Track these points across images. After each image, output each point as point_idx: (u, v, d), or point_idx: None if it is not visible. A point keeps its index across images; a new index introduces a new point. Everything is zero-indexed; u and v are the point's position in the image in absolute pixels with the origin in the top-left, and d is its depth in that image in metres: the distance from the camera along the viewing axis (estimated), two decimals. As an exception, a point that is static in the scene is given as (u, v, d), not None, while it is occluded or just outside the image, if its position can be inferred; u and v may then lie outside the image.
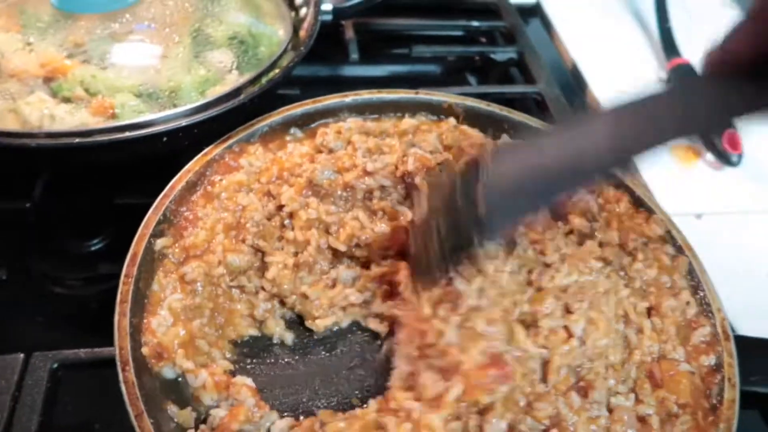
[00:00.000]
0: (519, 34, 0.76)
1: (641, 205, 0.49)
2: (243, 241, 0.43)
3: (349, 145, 0.49)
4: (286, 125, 0.52)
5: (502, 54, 0.74)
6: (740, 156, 0.66)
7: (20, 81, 0.53)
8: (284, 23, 0.63)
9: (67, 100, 0.52)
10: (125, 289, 0.38)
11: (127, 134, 0.47)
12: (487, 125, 0.56)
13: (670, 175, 0.66)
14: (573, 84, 0.80)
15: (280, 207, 0.44)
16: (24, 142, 0.46)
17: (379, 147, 0.48)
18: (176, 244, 0.42)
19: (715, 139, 0.67)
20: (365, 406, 0.38)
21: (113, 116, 0.51)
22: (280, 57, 0.58)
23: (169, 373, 0.37)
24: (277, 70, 0.56)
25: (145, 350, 0.36)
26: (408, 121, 0.54)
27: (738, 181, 0.66)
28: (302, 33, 0.62)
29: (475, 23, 0.77)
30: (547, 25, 0.88)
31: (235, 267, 0.42)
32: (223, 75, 0.57)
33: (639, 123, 0.36)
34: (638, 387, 0.39)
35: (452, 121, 0.55)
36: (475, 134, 0.55)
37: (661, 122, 0.36)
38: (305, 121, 0.54)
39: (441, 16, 0.78)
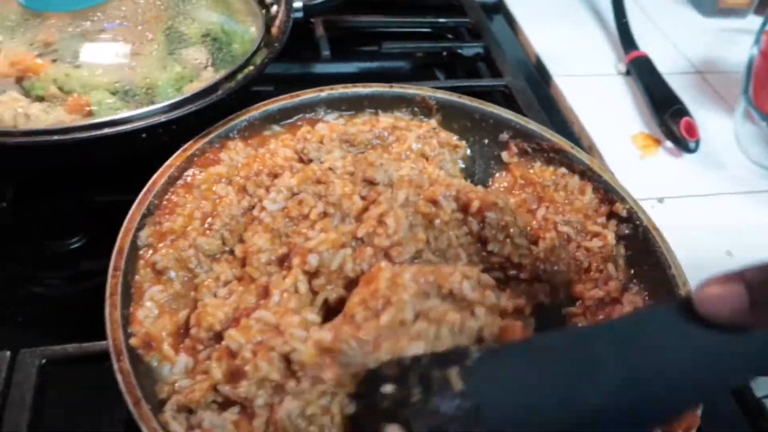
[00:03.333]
0: (484, 30, 0.78)
1: (608, 191, 0.52)
2: (212, 228, 0.43)
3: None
4: (264, 120, 0.53)
5: (469, 49, 0.76)
6: (697, 142, 0.69)
7: (-3, 80, 0.52)
8: (256, 21, 0.64)
9: (40, 99, 0.52)
10: (114, 282, 0.39)
11: (106, 131, 0.47)
12: (459, 117, 0.58)
13: (634, 163, 0.69)
14: (537, 76, 0.82)
15: (252, 207, 0.45)
16: (1, 141, 0.45)
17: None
18: (155, 233, 0.43)
19: (673, 127, 0.70)
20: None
21: (90, 114, 0.51)
22: (254, 54, 0.59)
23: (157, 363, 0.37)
24: (251, 67, 0.56)
25: (133, 341, 0.37)
26: (385, 120, 0.56)
27: (696, 166, 0.70)
28: (275, 30, 0.63)
29: (442, 19, 0.79)
30: (510, 20, 0.91)
31: (205, 250, 0.42)
32: (198, 72, 0.57)
33: None
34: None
35: (432, 123, 0.57)
36: (452, 139, 0.57)
37: None
38: (283, 116, 0.54)
39: (408, 13, 0.79)
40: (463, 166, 0.58)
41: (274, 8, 0.65)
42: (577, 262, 0.50)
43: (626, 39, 0.85)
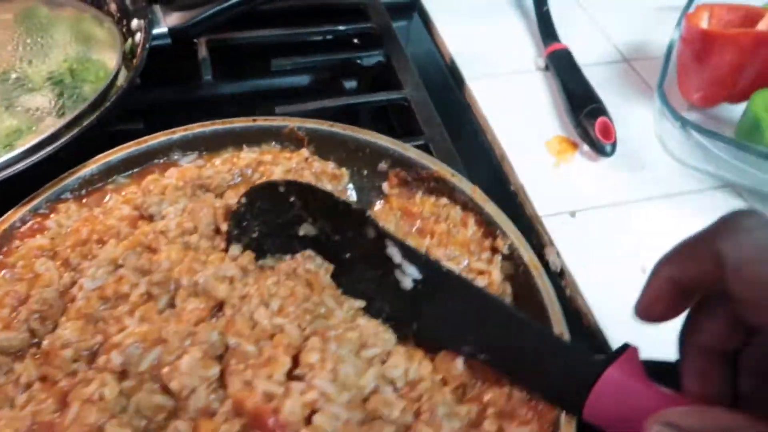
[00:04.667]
0: (386, 36, 0.72)
1: (490, 224, 0.47)
2: (18, 319, 0.38)
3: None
4: (104, 174, 0.48)
5: (368, 59, 0.71)
6: (614, 145, 0.64)
7: None
8: (116, 53, 0.58)
9: None
10: None
11: None
12: (334, 147, 0.52)
13: (546, 173, 0.64)
14: (451, 81, 0.77)
15: (74, 283, 0.40)
16: None
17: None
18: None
19: (588, 128, 0.65)
20: None
21: None
22: (106, 93, 0.53)
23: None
24: (100, 110, 0.51)
25: None
26: (247, 156, 0.50)
27: (613, 171, 0.64)
28: (135, 62, 0.57)
29: (341, 27, 0.73)
30: (425, 20, 0.84)
31: (5, 348, 0.37)
32: (38, 122, 0.52)
33: None
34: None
35: (304, 152, 0.52)
36: (329, 167, 0.51)
37: None
38: (129, 166, 0.49)
39: (306, 23, 0.73)
40: (355, 197, 0.53)
41: (138, 36, 0.60)
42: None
43: (546, 30, 0.78)
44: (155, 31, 0.60)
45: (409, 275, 0.40)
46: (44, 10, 0.62)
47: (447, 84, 0.76)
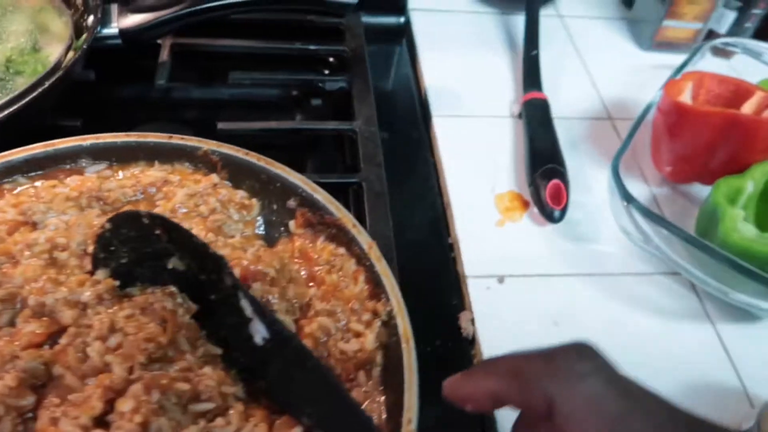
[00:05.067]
0: (355, 61, 0.70)
1: (378, 284, 0.44)
2: None
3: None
4: (5, 173, 0.47)
5: (332, 83, 0.69)
6: (563, 212, 0.60)
7: None
8: (60, 47, 0.58)
9: None
10: None
11: None
12: (247, 176, 0.50)
13: (488, 231, 0.60)
14: (419, 116, 0.74)
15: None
16: None
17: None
18: None
19: (540, 189, 0.61)
20: None
21: None
22: (36, 86, 0.53)
23: None
24: (17, 105, 0.51)
25: None
26: (154, 173, 0.49)
27: (558, 239, 0.60)
28: (71, 57, 0.57)
29: (313, 47, 0.71)
30: (411, 47, 0.82)
31: None
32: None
33: None
34: None
35: (213, 178, 0.50)
36: (237, 196, 0.50)
37: None
38: (35, 168, 0.48)
39: (281, 36, 0.72)
40: (263, 231, 0.51)
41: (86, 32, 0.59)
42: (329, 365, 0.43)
43: (529, 76, 0.75)
44: (106, 31, 0.59)
45: (259, 332, 0.38)
46: (7, -5, 0.62)
47: (413, 116, 0.73)
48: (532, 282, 0.57)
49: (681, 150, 0.61)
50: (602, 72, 0.80)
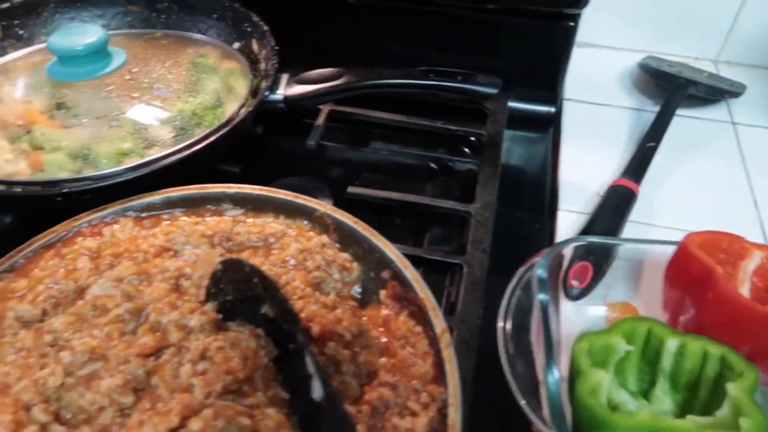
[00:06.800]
0: (490, 146, 0.73)
1: (442, 371, 0.46)
2: (38, 298, 0.49)
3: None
4: (165, 205, 0.58)
5: (462, 164, 0.72)
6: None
7: (3, 127, 0.66)
8: (236, 105, 0.69)
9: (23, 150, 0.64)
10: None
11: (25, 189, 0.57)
12: (352, 242, 0.56)
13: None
14: (545, 206, 0.74)
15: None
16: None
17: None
18: (1, 290, 0.50)
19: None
20: None
21: (41, 170, 0.61)
22: (205, 138, 0.63)
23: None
24: (185, 153, 0.61)
25: None
26: (276, 226, 0.57)
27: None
28: (240, 116, 0.67)
29: (452, 127, 0.76)
30: (556, 137, 0.82)
31: (20, 316, 0.47)
32: (146, 149, 0.64)
33: None
34: None
35: (323, 239, 0.56)
36: (341, 258, 0.55)
37: None
38: (187, 204, 0.58)
39: (425, 113, 0.77)
40: (359, 295, 0.55)
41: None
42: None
43: (633, 164, 0.71)
44: (273, 96, 0.69)
45: (317, 389, 0.42)
46: (212, 59, 0.76)
47: (543, 207, 0.74)
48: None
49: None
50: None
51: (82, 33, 0.66)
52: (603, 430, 0.44)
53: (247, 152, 0.73)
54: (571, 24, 0.78)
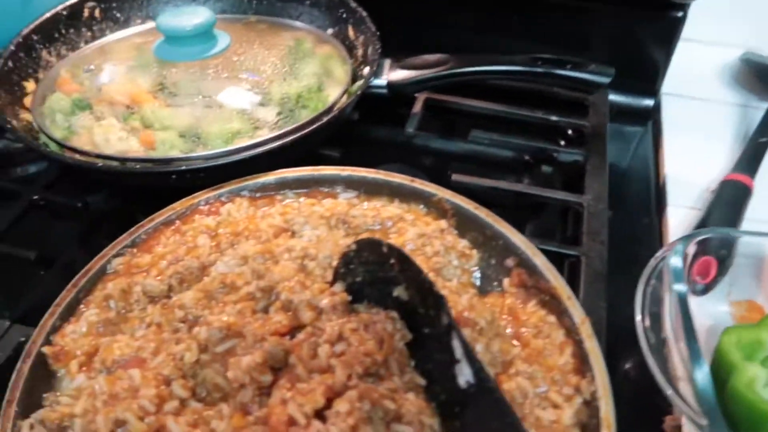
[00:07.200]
0: (593, 138, 0.70)
1: (585, 362, 0.43)
2: (164, 273, 0.48)
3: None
4: (278, 186, 0.57)
5: (567, 155, 0.70)
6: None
7: (110, 105, 0.66)
8: (338, 90, 0.68)
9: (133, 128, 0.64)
10: (65, 295, 0.46)
11: (138, 166, 0.57)
12: (472, 228, 0.54)
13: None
14: (653, 202, 0.71)
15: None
16: (70, 156, 0.58)
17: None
18: (125, 264, 0.49)
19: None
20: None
21: (153, 148, 0.61)
22: (315, 120, 0.63)
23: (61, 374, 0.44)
24: (293, 135, 0.60)
25: (47, 349, 0.44)
26: (392, 210, 0.55)
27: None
28: (345, 101, 0.66)
29: (554, 117, 0.73)
30: (657, 131, 0.80)
31: (148, 291, 0.47)
32: (255, 129, 0.63)
33: None
34: None
35: (442, 223, 0.54)
36: (460, 245, 0.53)
37: None
38: (299, 186, 0.57)
39: (524, 104, 0.75)
40: (479, 282, 0.53)
41: (361, 81, 0.69)
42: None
43: (745, 158, 0.68)
44: (376, 81, 0.68)
45: (464, 375, 0.40)
46: (309, 43, 0.75)
47: (645, 202, 0.71)
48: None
49: None
50: None
51: (191, 13, 0.66)
52: (763, 424, 0.41)
53: (343, 137, 0.71)
54: (680, 14, 0.75)
